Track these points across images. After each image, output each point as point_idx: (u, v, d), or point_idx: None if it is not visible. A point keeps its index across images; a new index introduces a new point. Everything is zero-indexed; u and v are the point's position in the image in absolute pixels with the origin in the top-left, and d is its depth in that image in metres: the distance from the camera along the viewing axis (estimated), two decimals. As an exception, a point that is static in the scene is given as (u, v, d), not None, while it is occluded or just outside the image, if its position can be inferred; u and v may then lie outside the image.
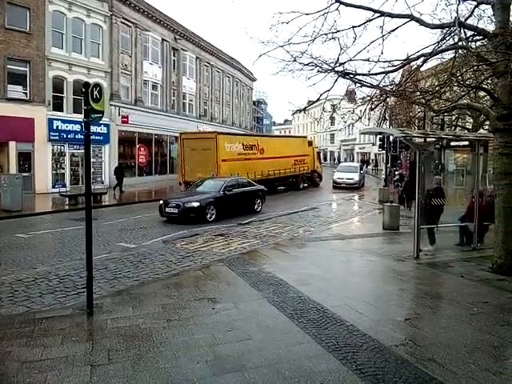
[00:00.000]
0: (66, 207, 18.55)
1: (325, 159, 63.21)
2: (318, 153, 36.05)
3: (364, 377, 4.20)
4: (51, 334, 5.32)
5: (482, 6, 9.38)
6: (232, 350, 4.81)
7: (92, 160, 24.26)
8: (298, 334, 5.20)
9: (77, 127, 23.95)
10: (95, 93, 6.13)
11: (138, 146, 30.89)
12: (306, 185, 30.04)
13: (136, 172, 30.88)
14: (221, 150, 21.20)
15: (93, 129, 23.42)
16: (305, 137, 35.94)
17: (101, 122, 25.91)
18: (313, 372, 4.30)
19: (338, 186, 29.67)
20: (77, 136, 24.17)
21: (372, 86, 10.42)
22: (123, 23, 28.97)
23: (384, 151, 32.27)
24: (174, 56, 35.82)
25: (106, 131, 26.64)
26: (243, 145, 23.70)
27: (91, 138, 6.44)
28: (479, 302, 6.36)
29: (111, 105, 27.40)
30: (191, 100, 39.27)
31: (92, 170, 23.70)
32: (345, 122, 11.99)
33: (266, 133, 75.17)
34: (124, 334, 5.27)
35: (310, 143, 32.99)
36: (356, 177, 29.92)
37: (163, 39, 33.78)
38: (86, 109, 6.12)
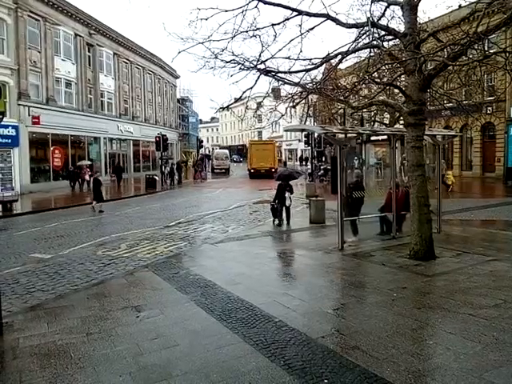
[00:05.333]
0: (-29, 217, 16.81)
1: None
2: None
3: (292, 371, 4.20)
4: (-49, 360, 4.71)
5: (393, 7, 9.89)
6: (158, 358, 4.57)
7: (0, 165, 22.26)
8: (226, 335, 5.09)
9: (-20, 129, 21.84)
10: (-7, 91, 5.55)
11: (52, 149, 28.80)
12: None
13: (51, 176, 28.82)
14: (275, 150, 39.75)
15: (-1, 131, 21.67)
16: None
17: (8, 123, 23.89)
18: (241, 372, 4.21)
19: None
20: (-20, 139, 22.01)
21: (293, 84, 10.60)
22: (31, 17, 26.85)
23: (309, 147, 33.37)
24: (88, 52, 33.98)
25: (14, 133, 24.50)
26: (276, 146, 42.81)
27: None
28: (399, 288, 6.68)
29: (20, 104, 25.33)
30: (110, 98, 37.52)
31: (0, 175, 21.74)
32: (268, 119, 12.11)
33: (191, 131, 75.60)
34: (38, 353, 4.82)
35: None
36: None
37: (76, 34, 31.87)
38: (-17, 109, 5.54)
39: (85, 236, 12.51)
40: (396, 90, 14.14)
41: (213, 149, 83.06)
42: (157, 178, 29.52)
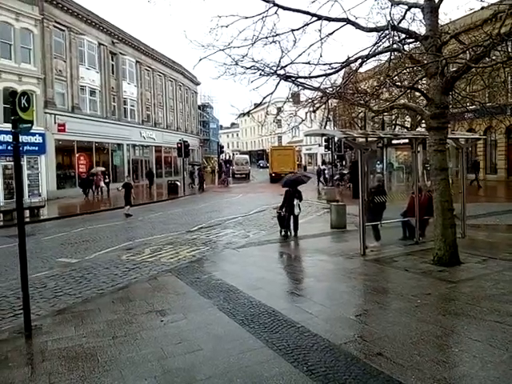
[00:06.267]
0: (0, 223, 17.34)
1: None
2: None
3: (315, 377, 4.20)
4: (-16, 361, 4.89)
5: (413, 10, 9.81)
6: (182, 362, 4.65)
7: (27, 172, 22.94)
8: (249, 340, 5.13)
9: (8, 138, 22.27)
10: (23, 101, 5.77)
11: (77, 155, 29.54)
12: None
13: (76, 182, 29.48)
14: (295, 155, 42.92)
15: (26, 139, 22.43)
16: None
17: (35, 131, 24.58)
18: (264, 377, 4.23)
19: None
20: (9, 147, 22.63)
21: (313, 89, 10.63)
22: (56, 27, 27.69)
23: (330, 152, 33.25)
24: (112, 60, 34.77)
25: (41, 141, 25.23)
26: (296, 151, 46.85)
27: (25, 148, 6.12)
28: (422, 294, 6.59)
29: (46, 113, 26.07)
30: (133, 105, 38.28)
31: (27, 182, 22.40)
32: (288, 124, 12.15)
33: (212, 137, 76.52)
34: (66, 356, 4.95)
35: None
36: None
37: (100, 43, 32.67)
38: (13, 119, 5.75)
39: (109, 241, 12.78)
40: (418, 93, 13.98)
41: (233, 154, 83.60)
42: (178, 183, 29.87)
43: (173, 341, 5.21)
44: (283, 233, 12.36)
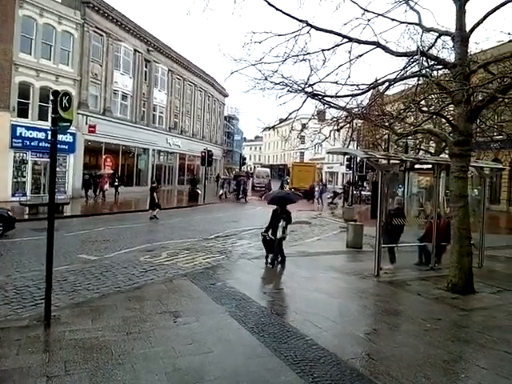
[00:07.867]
0: (26, 217, 17.93)
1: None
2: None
3: (320, 389, 4.30)
4: (6, 344, 5.19)
5: (444, 37, 9.93)
6: (192, 362, 4.81)
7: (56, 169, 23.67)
8: (258, 348, 5.26)
9: (41, 135, 23.41)
10: (64, 101, 6.10)
11: (104, 157, 30.33)
12: None
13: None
14: (315, 173, 43.59)
15: (58, 137, 23.13)
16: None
17: (68, 130, 25.20)
18: (271, 384, 4.36)
19: None
20: (41, 144, 23.58)
21: (339, 108, 10.79)
22: (95, 32, 28.72)
23: (351, 171, 33.20)
24: (145, 67, 35.73)
25: (71, 140, 26.04)
26: (317, 168, 48.02)
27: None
28: (433, 319, 6.61)
29: (79, 113, 26.90)
30: (161, 112, 39.11)
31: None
32: (312, 141, 12.31)
33: (235, 148, 77.28)
34: (82, 346, 5.18)
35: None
36: None
37: (136, 50, 33.68)
38: (54, 117, 6.08)
39: (129, 242, 13.10)
40: (444, 120, 13.99)
41: (254, 167, 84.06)
42: (199, 191, 30.26)
43: (184, 341, 5.39)
44: (269, 260, 10.24)
